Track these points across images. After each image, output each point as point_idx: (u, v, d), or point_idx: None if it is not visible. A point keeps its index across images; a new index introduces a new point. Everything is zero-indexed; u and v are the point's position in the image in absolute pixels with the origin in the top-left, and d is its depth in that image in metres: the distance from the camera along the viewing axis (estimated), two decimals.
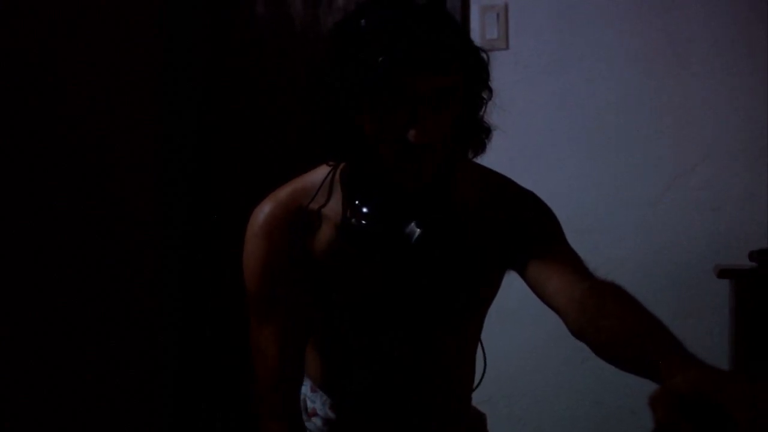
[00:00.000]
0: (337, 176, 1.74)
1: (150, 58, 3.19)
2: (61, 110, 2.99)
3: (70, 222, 3.00)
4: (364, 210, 1.65)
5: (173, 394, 3.24)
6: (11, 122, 2.83)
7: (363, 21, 1.57)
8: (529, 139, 2.80)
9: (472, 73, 1.66)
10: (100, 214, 3.08)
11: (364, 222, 1.65)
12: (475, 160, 1.98)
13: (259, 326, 1.75)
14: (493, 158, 2.86)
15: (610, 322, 1.50)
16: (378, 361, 1.83)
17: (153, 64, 3.19)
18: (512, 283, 2.31)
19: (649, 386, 2.81)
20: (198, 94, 3.22)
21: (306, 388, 1.90)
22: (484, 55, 1.70)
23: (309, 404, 1.90)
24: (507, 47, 2.82)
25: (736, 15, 2.64)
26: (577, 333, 1.62)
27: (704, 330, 2.64)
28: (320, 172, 1.76)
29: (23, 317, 2.85)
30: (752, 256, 2.43)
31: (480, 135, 1.78)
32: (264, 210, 1.73)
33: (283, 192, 1.75)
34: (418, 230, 1.64)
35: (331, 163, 1.74)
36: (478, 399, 2.10)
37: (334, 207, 1.72)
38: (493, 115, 2.21)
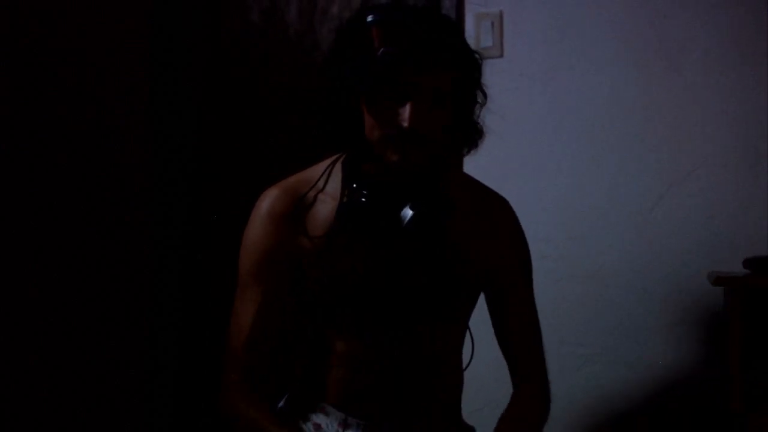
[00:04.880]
0: (338, 165, 1.93)
1: (146, 64, 3.19)
2: (61, 110, 3.00)
3: (69, 222, 3.01)
4: (362, 192, 1.82)
5: (173, 394, 3.25)
6: (10, 122, 2.84)
7: (367, 18, 1.77)
8: (523, 145, 2.81)
9: (465, 74, 1.85)
10: (99, 215, 3.09)
11: (362, 200, 1.82)
12: (471, 163, 2.15)
13: (243, 296, 1.94)
14: (488, 164, 2.90)
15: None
16: (366, 358, 1.93)
17: (149, 69, 3.20)
18: None
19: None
20: (195, 100, 3.23)
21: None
22: (477, 57, 1.89)
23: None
24: (502, 55, 2.82)
25: (729, 23, 2.64)
26: None
27: (699, 337, 2.64)
28: (324, 163, 1.97)
29: (22, 317, 2.87)
30: (747, 263, 2.42)
31: (471, 134, 1.97)
32: (270, 194, 1.95)
33: (290, 180, 1.97)
34: (411, 212, 1.81)
35: (335, 154, 1.94)
36: (470, 408, 2.11)
37: (333, 191, 1.91)
38: (487, 121, 2.27)
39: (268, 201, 1.95)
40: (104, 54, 3.11)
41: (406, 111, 1.77)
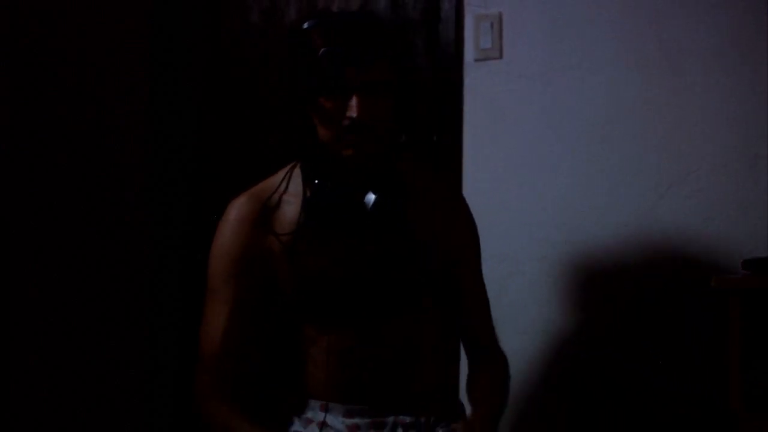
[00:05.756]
0: (297, 169, 2.07)
1: (146, 64, 3.20)
2: (61, 110, 3.01)
3: (69, 222, 3.02)
4: (325, 184, 1.96)
5: (173, 394, 3.25)
6: (10, 122, 2.85)
7: (305, 24, 1.95)
8: (522, 146, 2.80)
9: (401, 64, 2.01)
10: (99, 215, 3.10)
11: (327, 192, 1.96)
12: (472, 164, 2.24)
13: (212, 301, 2.06)
14: (488, 165, 2.89)
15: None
16: (347, 348, 2.03)
17: (149, 69, 3.20)
18: (503, 297, 2.32)
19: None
20: (195, 100, 3.23)
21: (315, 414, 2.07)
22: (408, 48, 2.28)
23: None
24: (501, 56, 2.82)
25: (729, 23, 2.63)
26: None
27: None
28: (282, 171, 2.11)
29: (22, 317, 2.87)
30: (746, 264, 2.42)
31: (414, 122, 2.13)
32: (237, 203, 2.09)
33: (253, 189, 2.11)
34: (374, 196, 1.94)
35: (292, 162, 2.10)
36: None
37: (295, 192, 2.04)
38: (487, 122, 2.30)
39: (235, 208, 2.08)
40: (104, 54, 3.12)
41: (353, 104, 1.91)
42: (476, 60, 2.84)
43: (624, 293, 2.71)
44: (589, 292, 2.74)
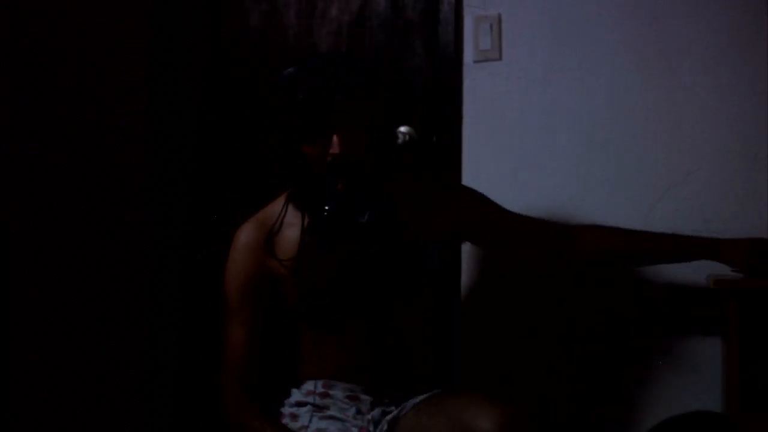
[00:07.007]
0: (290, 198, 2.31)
1: (146, 64, 3.19)
2: (61, 110, 3.01)
3: (69, 222, 3.02)
4: (322, 214, 2.18)
5: (173, 394, 3.25)
6: (10, 122, 2.85)
7: (287, 71, 2.24)
8: (521, 148, 2.80)
9: (377, 101, 2.24)
10: (99, 215, 3.10)
11: (324, 219, 2.17)
12: (472, 166, 2.77)
13: (232, 320, 2.31)
14: (488, 166, 2.89)
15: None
16: (351, 341, 2.27)
17: (149, 69, 3.20)
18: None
19: (646, 395, 2.81)
20: (195, 100, 3.23)
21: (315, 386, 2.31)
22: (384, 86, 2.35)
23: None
24: (500, 58, 2.81)
25: (729, 23, 2.64)
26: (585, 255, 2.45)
27: (698, 340, 2.65)
28: (280, 199, 2.36)
29: (22, 317, 2.87)
30: None
31: (391, 146, 2.57)
32: (245, 229, 2.34)
33: (258, 215, 2.36)
34: (366, 215, 2.15)
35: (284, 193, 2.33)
36: None
37: (294, 215, 2.29)
38: (487, 123, 2.28)
39: (244, 235, 2.33)
40: (104, 54, 3.11)
41: (334, 143, 2.15)
42: (476, 61, 2.84)
43: (622, 295, 2.71)
44: (589, 292, 2.74)
